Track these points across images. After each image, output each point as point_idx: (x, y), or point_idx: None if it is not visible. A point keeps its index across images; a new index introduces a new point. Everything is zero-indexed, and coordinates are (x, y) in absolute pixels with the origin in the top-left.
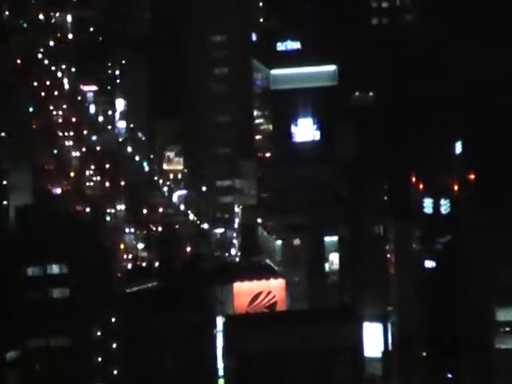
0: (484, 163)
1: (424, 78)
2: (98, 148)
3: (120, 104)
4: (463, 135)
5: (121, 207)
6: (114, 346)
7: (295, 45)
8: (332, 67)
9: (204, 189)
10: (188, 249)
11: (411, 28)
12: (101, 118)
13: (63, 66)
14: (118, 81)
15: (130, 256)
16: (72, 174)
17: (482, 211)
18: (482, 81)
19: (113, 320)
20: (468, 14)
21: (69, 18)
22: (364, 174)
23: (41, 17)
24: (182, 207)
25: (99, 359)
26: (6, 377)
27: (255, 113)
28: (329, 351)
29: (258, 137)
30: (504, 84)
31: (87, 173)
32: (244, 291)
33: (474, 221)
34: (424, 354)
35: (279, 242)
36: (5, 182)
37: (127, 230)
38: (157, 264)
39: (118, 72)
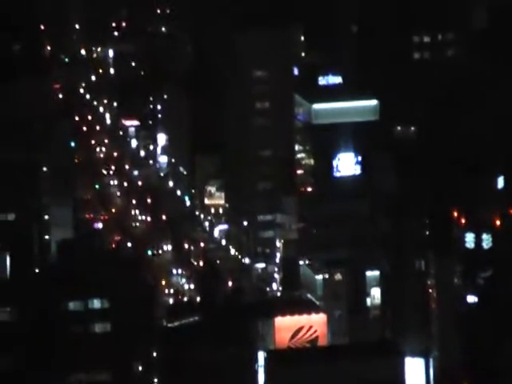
0: None
1: (466, 113)
2: (140, 183)
3: (161, 138)
4: (505, 170)
5: (166, 246)
6: (156, 380)
7: (337, 79)
8: (373, 102)
9: (245, 223)
10: (229, 283)
11: (453, 63)
12: (142, 153)
13: (105, 101)
14: (159, 115)
15: (172, 290)
16: (113, 210)
17: None
18: None
19: (154, 354)
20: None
21: (110, 53)
22: (405, 209)
23: (82, 52)
24: (224, 242)
25: None
26: None
27: (296, 147)
28: None
29: (299, 171)
30: None
31: (129, 207)
32: (285, 326)
33: None
34: None
35: (320, 277)
36: (46, 217)
37: (173, 270)
38: (198, 298)
39: (159, 107)
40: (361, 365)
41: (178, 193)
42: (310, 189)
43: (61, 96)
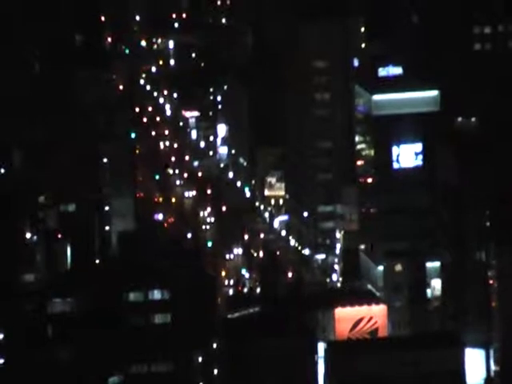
0: None
1: None
2: (200, 173)
3: (222, 130)
4: None
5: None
6: (216, 371)
7: (397, 70)
8: (434, 92)
9: (305, 214)
10: (289, 274)
11: None
12: (202, 144)
13: (165, 92)
14: (219, 106)
15: (232, 281)
16: (174, 200)
17: None
18: None
19: (214, 346)
20: None
21: (171, 44)
22: (466, 200)
23: (143, 43)
24: (283, 233)
25: None
26: None
27: (357, 138)
28: (431, 377)
29: (359, 162)
30: None
31: (189, 198)
32: (345, 317)
33: None
34: None
35: (381, 268)
36: (107, 208)
37: (228, 257)
38: (258, 290)
39: (219, 98)
40: (421, 356)
41: (238, 184)
42: (370, 180)
43: (121, 87)
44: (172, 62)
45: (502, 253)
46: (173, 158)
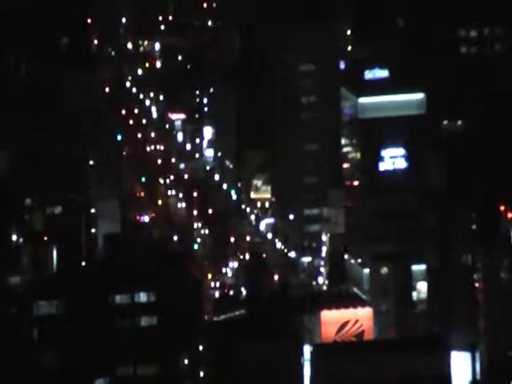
0: None
1: None
2: (186, 176)
3: (208, 132)
4: None
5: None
6: (202, 374)
7: (383, 73)
8: (420, 95)
9: (291, 217)
10: (275, 277)
11: (500, 57)
12: (188, 146)
13: (151, 94)
14: (206, 109)
15: (218, 284)
16: (160, 202)
17: None
18: None
19: (200, 348)
20: None
21: (157, 47)
22: (452, 203)
23: (129, 45)
24: (270, 236)
25: None
26: None
27: (343, 141)
28: (417, 380)
29: (345, 165)
30: None
31: (175, 201)
32: (331, 320)
33: None
34: None
35: (367, 271)
36: (93, 210)
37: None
38: (244, 292)
39: (205, 100)
40: (407, 359)
41: (224, 186)
42: (356, 182)
43: (108, 90)
44: (158, 64)
45: (488, 256)
46: (159, 161)
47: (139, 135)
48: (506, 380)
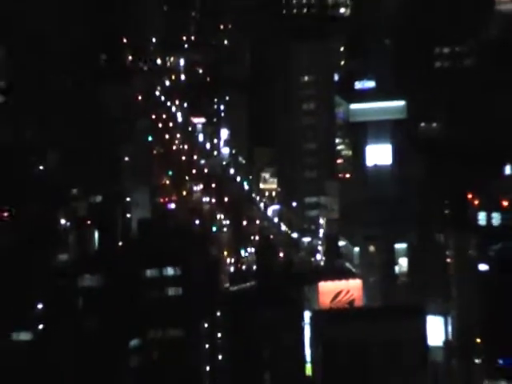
0: None
1: (479, 113)
2: (206, 170)
3: (224, 133)
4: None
5: (225, 220)
6: (219, 335)
7: (371, 84)
8: (402, 102)
9: (294, 204)
10: (281, 254)
11: (468, 70)
12: (208, 145)
13: (177, 102)
14: (222, 114)
15: (233, 260)
16: (184, 193)
17: None
18: None
19: (218, 314)
20: None
21: (181, 62)
22: (430, 192)
23: (158, 61)
24: (276, 220)
25: (207, 347)
26: (130, 361)
27: (337, 141)
28: (399, 341)
29: (339, 161)
30: None
31: (196, 191)
32: (327, 290)
33: None
34: (479, 342)
35: (357, 249)
36: (128, 199)
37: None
38: (255, 267)
39: (222, 107)
40: (391, 323)
41: (238, 179)
42: (348, 175)
43: (140, 98)
44: (182, 76)
45: (458, 236)
46: (183, 158)
47: (166, 136)
48: (472, 339)
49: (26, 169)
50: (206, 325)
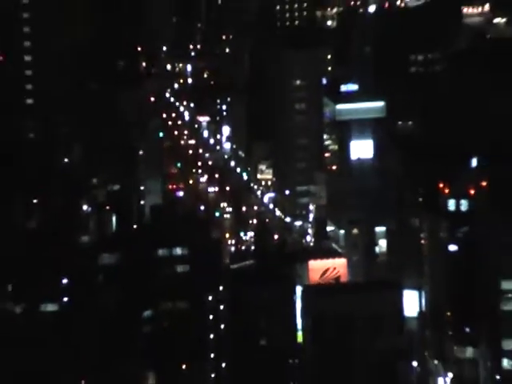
0: (493, 173)
1: (450, 112)
2: (210, 162)
3: (226, 130)
4: (477, 154)
5: (226, 206)
6: (222, 307)
7: (354, 87)
8: (381, 103)
9: (287, 192)
10: (276, 236)
11: (439, 75)
12: (212, 141)
13: (184, 103)
14: (224, 113)
15: (234, 241)
16: (190, 182)
17: (492, 208)
18: (490, 116)
19: (221, 289)
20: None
21: (189, 67)
22: (405, 182)
23: (168, 67)
24: (271, 206)
25: (210, 317)
26: (143, 329)
27: (325, 137)
28: (379, 312)
29: (327, 154)
30: (503, 119)
31: (202, 180)
32: (316, 267)
33: (485, 215)
34: (449, 313)
35: (342, 232)
36: (142, 188)
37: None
38: (253, 248)
39: (224, 107)
40: (371, 296)
41: (238, 170)
42: (334, 167)
43: (152, 99)
44: (189, 80)
45: (430, 220)
46: (190, 151)
47: (175, 132)
48: (443, 310)
49: (54, 162)
50: (209, 298)
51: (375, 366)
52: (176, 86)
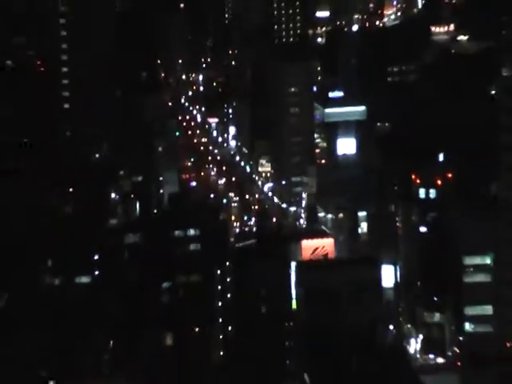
0: (457, 167)
1: (422, 115)
2: (218, 157)
3: (232, 130)
4: (443, 150)
5: (234, 196)
6: (228, 280)
7: (340, 94)
8: (362, 108)
9: (283, 182)
10: (274, 220)
11: (413, 84)
12: (220, 139)
13: (197, 107)
14: (230, 116)
15: (238, 224)
16: (202, 174)
17: (455, 196)
18: (454, 119)
19: (227, 264)
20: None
21: (200, 77)
22: (383, 174)
23: (183, 77)
24: (270, 194)
25: (219, 288)
26: (162, 298)
27: (315, 135)
28: (361, 284)
29: (317, 150)
30: (465, 121)
31: (212, 173)
32: (308, 246)
33: (450, 202)
34: (420, 284)
35: (330, 216)
36: (161, 178)
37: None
38: (255, 229)
39: (230, 110)
40: (356, 270)
41: (242, 164)
42: (323, 161)
43: (170, 104)
44: (201, 88)
45: (405, 206)
46: (201, 148)
47: (189, 132)
48: (414, 282)
49: (87, 157)
50: (218, 272)
51: (357, 329)
52: (190, 92)
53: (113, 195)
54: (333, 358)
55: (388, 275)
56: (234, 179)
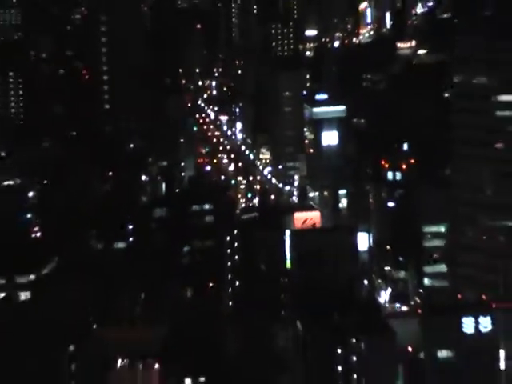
0: (418, 154)
1: (389, 113)
2: (228, 147)
3: (238, 125)
4: (407, 141)
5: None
6: (236, 244)
7: (325, 96)
8: (343, 107)
9: (280, 167)
10: (272, 197)
11: (382, 89)
12: (229, 133)
13: (211, 107)
14: (238, 114)
15: (244, 200)
16: (215, 161)
17: (417, 178)
18: (415, 116)
19: (235, 232)
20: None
21: (213, 83)
22: (359, 161)
23: (199, 83)
24: (269, 176)
25: (228, 251)
26: (183, 260)
27: (305, 129)
28: (341, 248)
29: (306, 141)
30: (423, 118)
31: (224, 161)
32: (299, 218)
33: (412, 182)
34: (388, 247)
35: (317, 193)
36: (182, 164)
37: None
38: (257, 205)
39: (238, 109)
40: (338, 237)
41: (247, 152)
42: (311, 150)
43: (189, 105)
44: (214, 92)
45: (375, 186)
46: (214, 140)
47: (205, 127)
48: (384, 246)
49: (123, 146)
50: (227, 238)
51: (339, 284)
52: (205, 95)
53: (143, 177)
54: (319, 307)
55: (363, 241)
56: (240, 165)
